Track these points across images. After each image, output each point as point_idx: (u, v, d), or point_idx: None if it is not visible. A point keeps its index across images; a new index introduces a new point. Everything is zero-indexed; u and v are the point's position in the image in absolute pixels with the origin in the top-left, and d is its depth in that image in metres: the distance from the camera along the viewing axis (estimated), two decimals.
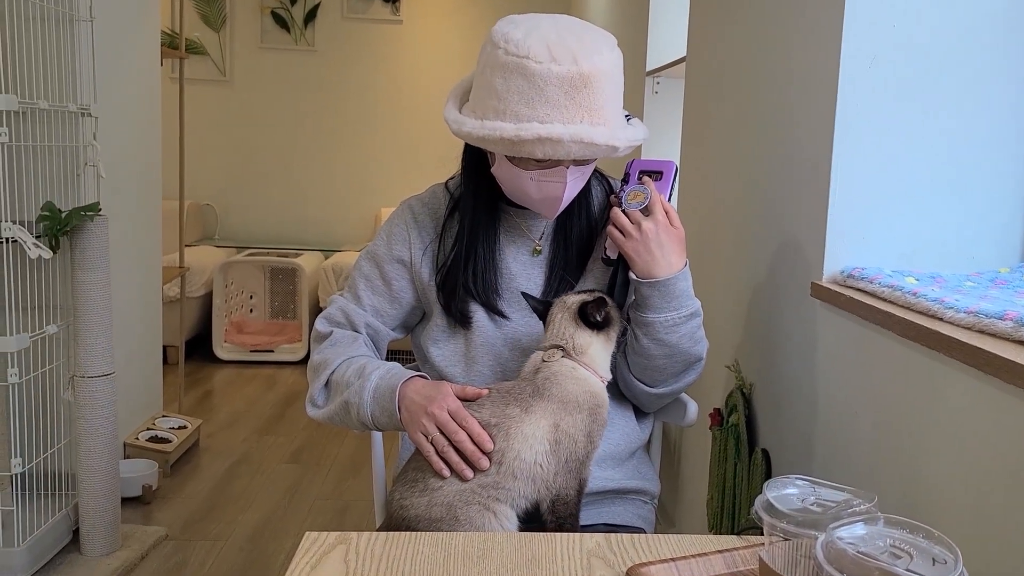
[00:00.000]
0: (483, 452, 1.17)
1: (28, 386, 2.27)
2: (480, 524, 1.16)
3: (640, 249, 1.27)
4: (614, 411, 1.31)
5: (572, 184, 1.29)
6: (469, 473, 1.17)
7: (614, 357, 1.30)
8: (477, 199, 1.37)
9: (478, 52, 1.29)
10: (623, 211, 1.30)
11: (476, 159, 1.37)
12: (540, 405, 1.20)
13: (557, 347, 1.25)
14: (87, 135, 2.49)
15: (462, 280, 1.36)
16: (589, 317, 1.25)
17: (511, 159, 1.26)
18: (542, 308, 1.31)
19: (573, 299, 1.27)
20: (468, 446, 1.18)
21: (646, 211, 1.29)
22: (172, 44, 3.75)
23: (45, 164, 2.36)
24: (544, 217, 1.39)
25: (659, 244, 1.27)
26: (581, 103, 1.19)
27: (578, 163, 1.27)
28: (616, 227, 1.29)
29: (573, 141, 1.18)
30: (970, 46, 1.34)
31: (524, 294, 1.34)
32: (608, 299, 1.28)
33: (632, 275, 1.30)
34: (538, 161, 1.25)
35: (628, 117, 1.31)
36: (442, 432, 1.19)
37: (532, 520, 1.21)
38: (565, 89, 1.18)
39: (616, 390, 1.37)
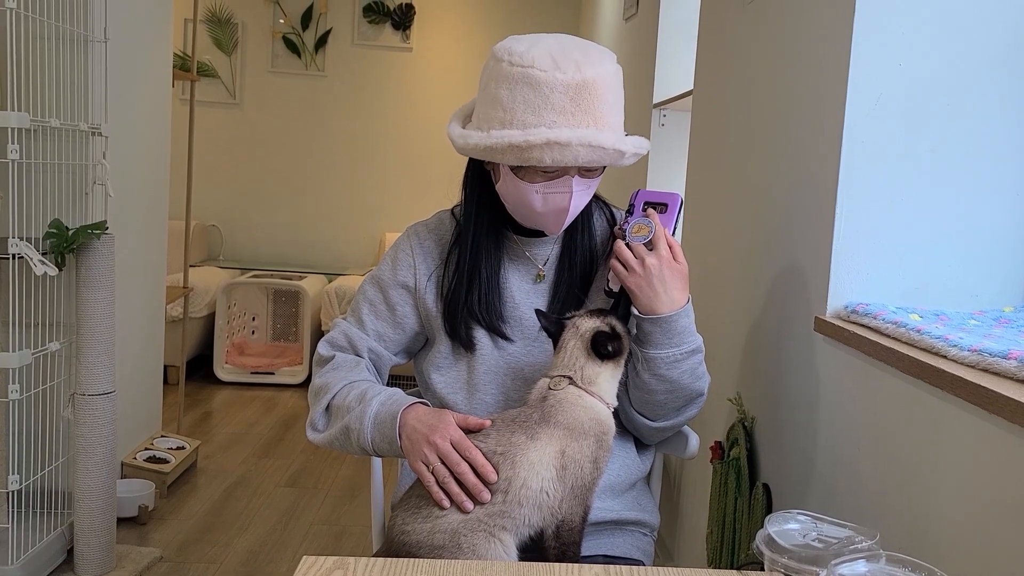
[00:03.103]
0: (486, 484, 1.17)
1: (28, 403, 2.27)
2: (484, 552, 1.15)
3: (643, 284, 1.27)
4: (615, 442, 1.30)
5: (578, 195, 1.29)
6: (469, 505, 1.16)
7: (621, 383, 1.29)
8: (479, 220, 1.37)
9: None
10: (626, 244, 1.30)
11: (479, 180, 1.37)
12: (546, 432, 1.19)
13: (565, 376, 1.24)
14: (97, 154, 2.50)
15: (466, 302, 1.36)
16: (601, 349, 1.24)
17: (516, 173, 1.27)
18: (555, 329, 1.30)
19: (586, 326, 1.25)
20: (470, 478, 1.17)
21: (650, 245, 1.28)
22: (184, 66, 3.79)
23: (54, 182, 2.38)
24: (551, 242, 1.39)
25: (662, 280, 1.27)
26: (586, 109, 1.21)
27: (583, 174, 1.28)
28: (619, 260, 1.29)
29: (581, 144, 1.19)
30: (976, 85, 1.35)
31: (538, 312, 1.33)
32: (619, 325, 1.27)
33: (634, 310, 1.30)
34: (544, 172, 1.25)
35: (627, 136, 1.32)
36: (444, 463, 1.19)
37: (532, 550, 1.20)
38: (571, 96, 1.20)
39: (617, 422, 1.37)
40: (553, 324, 1.30)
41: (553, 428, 1.20)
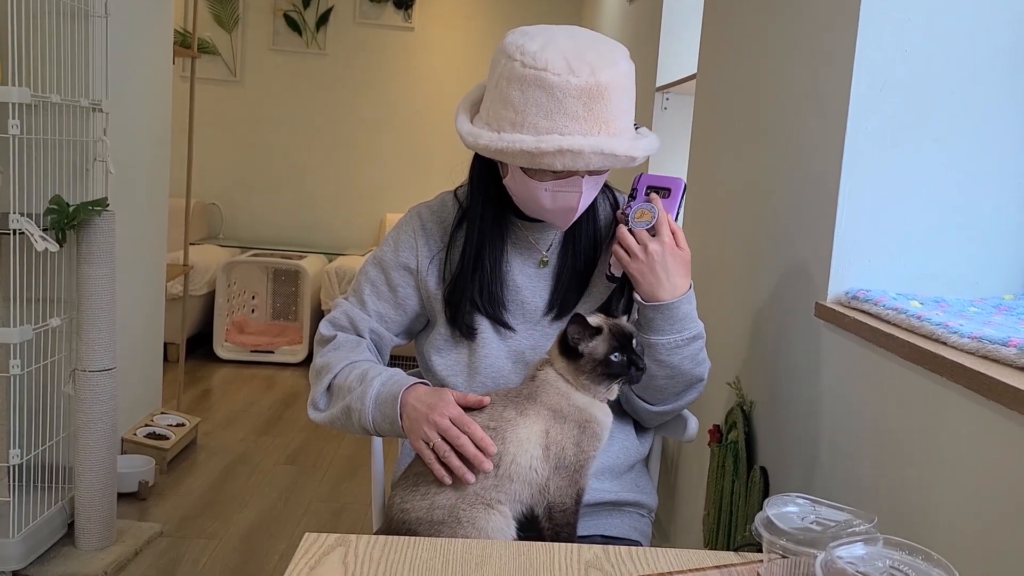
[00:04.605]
0: (486, 455, 1.18)
1: (29, 378, 2.27)
2: (483, 525, 1.16)
3: (645, 271, 1.27)
4: (614, 425, 1.31)
5: (587, 194, 1.29)
6: (471, 477, 1.18)
7: (621, 385, 1.26)
8: (485, 211, 1.37)
9: (488, 62, 1.30)
10: (629, 229, 1.29)
11: (485, 170, 1.36)
12: (533, 409, 1.22)
13: (547, 361, 1.26)
14: (97, 130, 2.50)
15: (469, 294, 1.36)
16: (570, 345, 1.23)
17: (526, 171, 1.26)
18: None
19: (575, 319, 1.23)
20: (470, 449, 1.18)
21: (652, 231, 1.28)
22: (184, 43, 3.77)
23: (55, 158, 2.37)
24: (555, 228, 1.39)
25: (664, 267, 1.27)
26: (599, 114, 1.20)
27: (593, 172, 1.28)
28: (621, 246, 1.29)
29: (594, 152, 1.19)
30: (980, 75, 1.35)
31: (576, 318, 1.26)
32: (603, 323, 1.24)
33: (636, 296, 1.30)
34: (554, 172, 1.25)
35: (636, 127, 1.31)
36: (444, 438, 1.20)
37: (530, 528, 1.21)
38: (584, 101, 1.19)
39: (617, 405, 1.38)
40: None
41: (539, 407, 1.22)
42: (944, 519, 1.07)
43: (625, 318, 1.30)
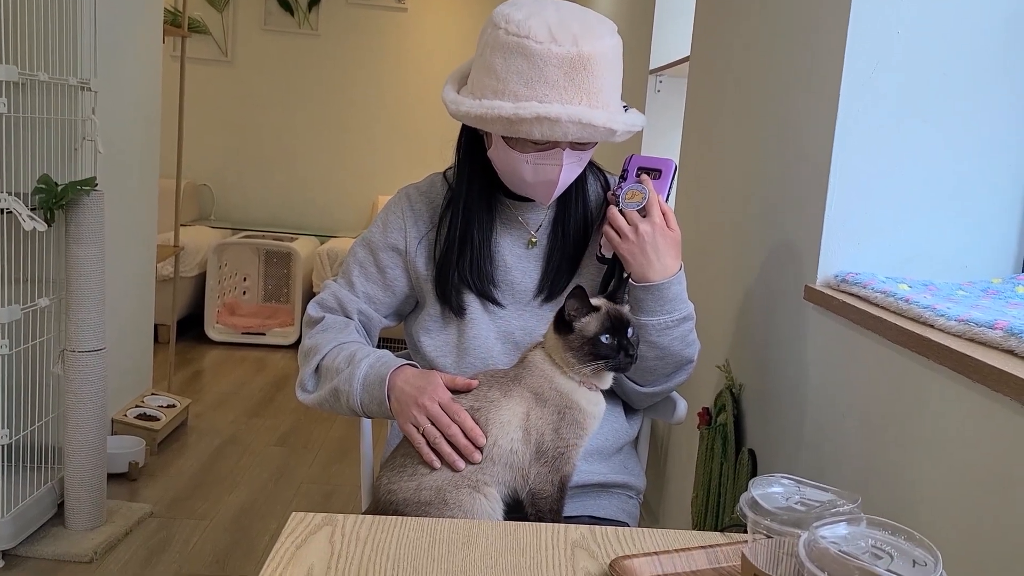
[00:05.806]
0: (475, 446, 1.18)
1: (18, 358, 2.27)
2: (470, 507, 1.17)
3: (635, 251, 1.27)
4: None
5: (568, 168, 1.28)
6: (461, 464, 1.18)
7: (609, 370, 1.24)
8: (472, 185, 1.37)
9: None
10: (620, 210, 1.29)
11: (472, 145, 1.36)
12: (517, 391, 1.21)
13: (540, 344, 1.26)
14: (86, 109, 2.48)
15: (457, 269, 1.36)
16: (565, 320, 1.22)
17: (508, 141, 1.26)
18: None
19: (576, 292, 1.21)
20: (461, 440, 1.18)
21: (643, 211, 1.28)
22: (175, 22, 3.73)
23: (43, 137, 2.35)
24: (540, 205, 1.39)
25: (655, 247, 1.27)
26: (580, 85, 1.19)
27: (575, 147, 1.27)
28: (612, 227, 1.29)
29: (571, 122, 1.18)
30: (972, 57, 1.35)
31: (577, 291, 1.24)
32: (598, 307, 1.22)
33: (626, 277, 1.30)
34: (535, 143, 1.24)
35: (626, 108, 1.31)
36: (434, 424, 1.20)
37: (518, 510, 1.21)
38: (565, 70, 1.18)
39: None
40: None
41: (523, 388, 1.21)
42: (929, 500, 1.08)
43: (627, 307, 1.29)
